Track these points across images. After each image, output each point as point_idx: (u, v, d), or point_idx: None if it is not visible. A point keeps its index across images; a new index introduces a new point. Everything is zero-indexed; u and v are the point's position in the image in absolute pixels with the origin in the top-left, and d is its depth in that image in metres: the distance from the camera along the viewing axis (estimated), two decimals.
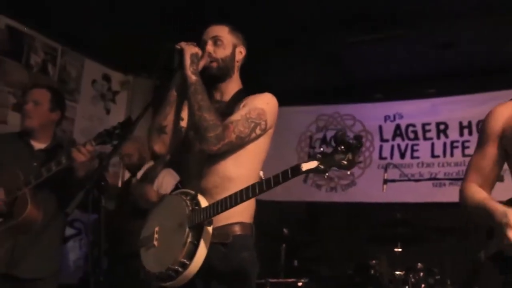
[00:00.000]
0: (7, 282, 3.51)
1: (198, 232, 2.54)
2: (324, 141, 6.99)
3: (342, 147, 2.18)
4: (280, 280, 5.13)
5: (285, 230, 5.50)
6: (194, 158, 2.79)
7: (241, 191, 2.45)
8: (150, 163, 4.85)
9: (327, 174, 2.23)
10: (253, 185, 2.42)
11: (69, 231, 6.21)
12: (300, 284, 5.08)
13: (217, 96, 2.89)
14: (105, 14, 5.45)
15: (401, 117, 6.66)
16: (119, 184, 6.59)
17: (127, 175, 6.60)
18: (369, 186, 6.42)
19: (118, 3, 5.23)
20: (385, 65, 6.21)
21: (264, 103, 2.75)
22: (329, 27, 5.37)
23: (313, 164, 2.23)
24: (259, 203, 2.81)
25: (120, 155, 5.03)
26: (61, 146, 3.83)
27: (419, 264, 4.89)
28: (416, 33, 5.47)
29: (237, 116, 2.67)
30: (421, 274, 4.85)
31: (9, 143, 3.77)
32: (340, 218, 6.51)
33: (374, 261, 5.05)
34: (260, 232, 2.82)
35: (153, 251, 2.68)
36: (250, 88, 2.99)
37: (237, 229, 2.68)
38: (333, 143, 2.22)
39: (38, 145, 3.75)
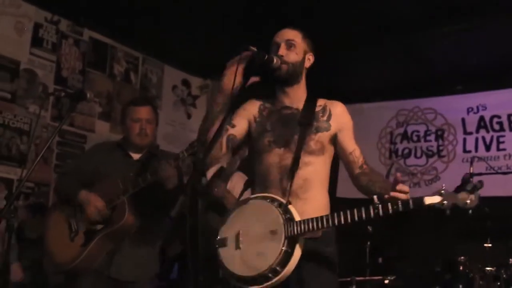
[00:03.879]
0: (107, 283, 3.72)
1: (293, 241, 2.60)
2: (405, 136, 6.88)
3: (467, 187, 2.26)
4: (366, 278, 5.10)
5: (369, 228, 5.44)
6: (274, 162, 2.86)
7: (352, 211, 2.52)
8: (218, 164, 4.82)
9: (447, 212, 2.29)
10: (366, 208, 2.48)
11: None
12: (386, 282, 5.03)
13: (286, 101, 2.97)
14: (182, 21, 5.57)
15: (484, 108, 6.45)
16: None
17: None
18: (454, 181, 6.13)
19: (194, 9, 5.32)
20: (466, 56, 6.03)
21: (350, 117, 2.99)
22: (409, 20, 5.28)
23: (436, 199, 2.32)
24: (342, 202, 2.87)
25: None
26: (155, 154, 3.99)
27: (511, 259, 4.73)
28: (497, 22, 5.30)
29: (356, 149, 2.93)
30: None
31: (109, 153, 3.96)
32: (425, 214, 6.36)
33: (462, 258, 4.92)
34: (345, 230, 2.84)
35: (239, 254, 2.71)
36: (330, 85, 3.01)
37: None
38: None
39: (135, 155, 3.94)
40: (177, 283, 4.99)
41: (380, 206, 2.42)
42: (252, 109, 3.00)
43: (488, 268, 4.77)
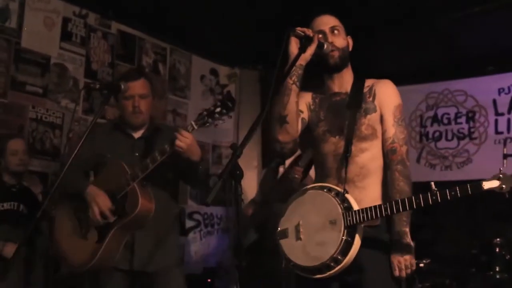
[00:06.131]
0: (132, 277, 3.51)
1: (352, 230, 2.62)
2: (435, 119, 6.81)
3: None
4: None
5: None
6: (330, 150, 2.86)
7: (410, 199, 2.49)
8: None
9: (507, 196, 2.24)
10: (424, 196, 2.45)
11: (188, 223, 6.45)
12: (421, 265, 5.00)
13: (335, 88, 2.93)
14: (208, 10, 5.57)
15: None
16: None
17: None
18: (486, 163, 6.20)
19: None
20: (495, 36, 5.94)
21: (398, 96, 2.88)
22: (436, 2, 5.22)
23: (495, 183, 2.27)
24: None
25: None
26: (158, 128, 3.68)
27: None
28: None
29: (390, 129, 2.80)
30: None
31: (108, 134, 3.64)
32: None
33: (498, 239, 4.87)
34: None
35: (301, 244, 2.75)
36: (360, 70, 2.99)
37: None
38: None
39: (136, 134, 3.61)
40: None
41: (438, 193, 2.40)
42: (306, 97, 2.96)
43: None
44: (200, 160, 3.36)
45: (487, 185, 2.26)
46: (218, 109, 3.06)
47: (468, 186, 2.31)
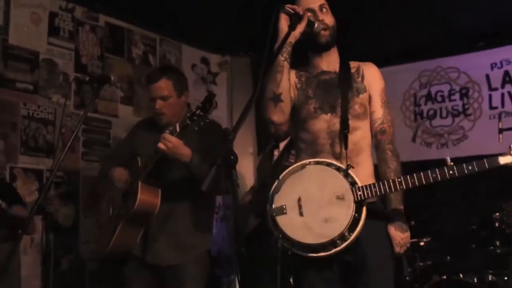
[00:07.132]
0: (146, 269, 3.59)
1: (360, 206, 2.62)
2: (429, 97, 6.80)
3: None
4: None
5: None
6: (322, 127, 2.84)
7: (426, 173, 2.55)
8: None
9: None
10: (441, 170, 2.52)
11: None
12: (422, 243, 5.02)
13: (323, 66, 2.92)
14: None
15: (508, 63, 6.33)
16: None
17: None
18: (482, 138, 6.19)
19: None
20: (485, 11, 5.91)
21: (383, 79, 2.94)
22: None
23: (510, 158, 2.35)
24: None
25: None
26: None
27: None
28: None
29: (378, 111, 2.88)
30: None
31: (145, 131, 3.79)
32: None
33: (498, 214, 4.86)
34: None
35: (302, 221, 2.67)
36: (349, 50, 2.98)
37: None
38: None
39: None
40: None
41: (455, 167, 2.47)
42: (291, 76, 2.92)
43: None
44: (190, 161, 3.36)
45: (503, 160, 2.34)
46: (197, 112, 3.13)
47: (485, 161, 2.38)
